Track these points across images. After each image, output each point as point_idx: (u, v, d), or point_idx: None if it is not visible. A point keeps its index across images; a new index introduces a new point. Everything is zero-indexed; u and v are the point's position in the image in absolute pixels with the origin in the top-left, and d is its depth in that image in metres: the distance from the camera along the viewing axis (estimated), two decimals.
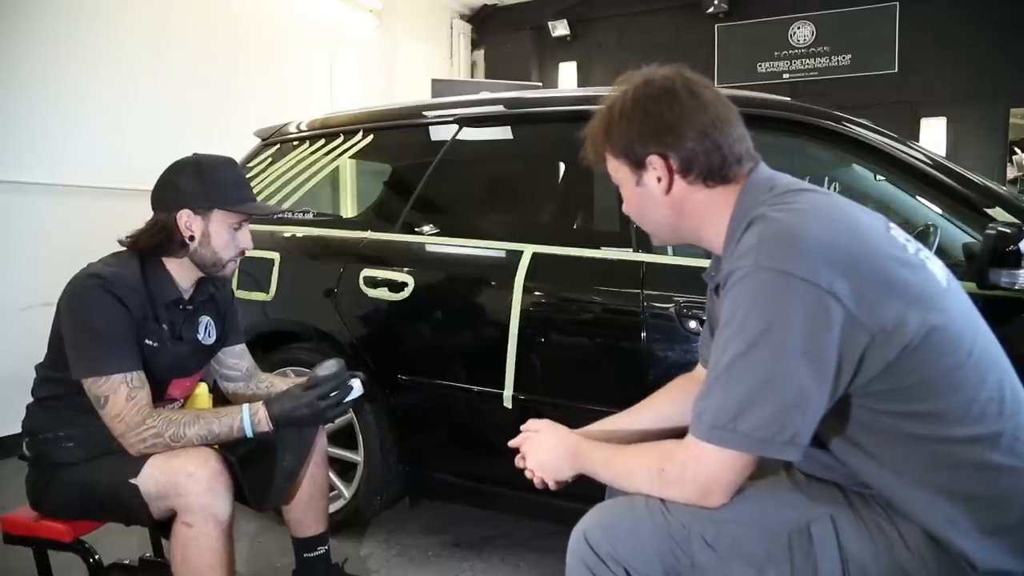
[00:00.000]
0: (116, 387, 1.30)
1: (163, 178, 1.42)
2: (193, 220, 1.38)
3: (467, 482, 1.94)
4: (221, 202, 1.39)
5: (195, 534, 1.28)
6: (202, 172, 1.39)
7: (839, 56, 5.05)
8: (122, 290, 1.33)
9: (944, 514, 0.85)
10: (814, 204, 0.88)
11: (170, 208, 1.38)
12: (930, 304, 0.84)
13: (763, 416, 0.82)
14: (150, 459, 1.31)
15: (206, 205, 1.39)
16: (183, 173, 1.40)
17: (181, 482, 1.27)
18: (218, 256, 1.42)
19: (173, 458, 1.30)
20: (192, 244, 1.39)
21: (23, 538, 1.44)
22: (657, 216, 1.01)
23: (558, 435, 1.08)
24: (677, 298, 1.61)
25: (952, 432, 0.84)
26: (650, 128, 0.94)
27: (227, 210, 1.40)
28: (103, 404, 1.30)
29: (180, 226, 1.38)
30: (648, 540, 0.91)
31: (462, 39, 6.02)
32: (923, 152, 1.59)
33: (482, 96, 2.26)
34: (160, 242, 1.38)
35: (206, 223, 1.39)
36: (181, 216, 1.38)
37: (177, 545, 1.29)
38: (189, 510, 1.27)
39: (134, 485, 1.29)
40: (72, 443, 1.38)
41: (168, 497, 1.29)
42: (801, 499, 0.92)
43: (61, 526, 1.40)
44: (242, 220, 1.44)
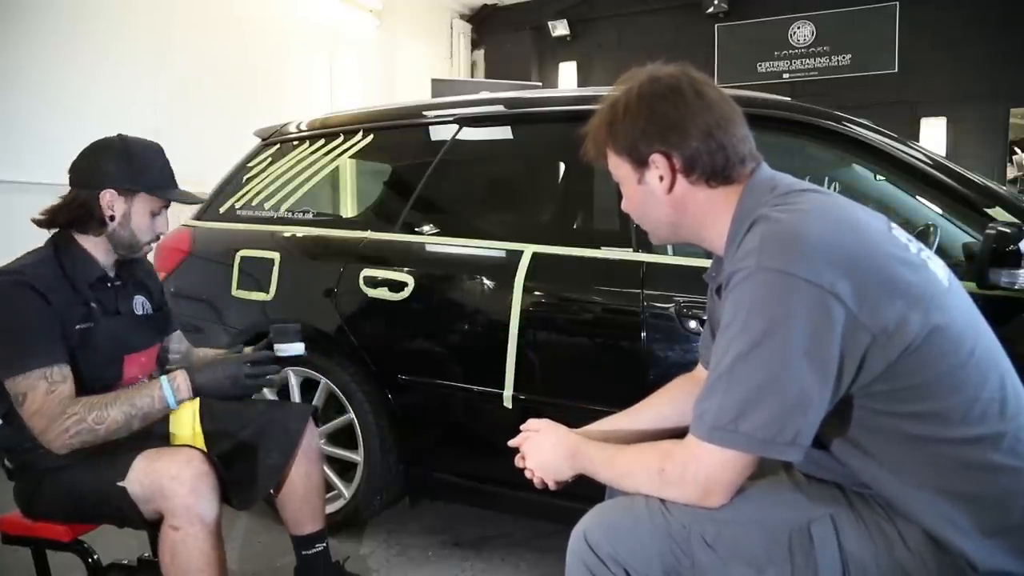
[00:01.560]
0: (35, 383, 1.27)
1: (87, 155, 1.41)
2: (116, 200, 1.38)
3: (467, 482, 1.94)
4: (148, 186, 1.39)
5: (182, 536, 1.27)
6: (131, 154, 1.39)
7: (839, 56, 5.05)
8: (37, 282, 1.31)
9: (944, 514, 0.85)
10: (816, 204, 0.88)
11: (93, 186, 1.37)
12: (932, 304, 0.84)
13: (765, 417, 0.82)
14: (135, 462, 1.29)
15: (133, 188, 1.38)
16: (110, 152, 1.39)
17: (165, 485, 1.26)
18: (136, 239, 1.42)
19: (156, 460, 1.29)
20: (111, 224, 1.39)
21: (22, 538, 1.44)
22: (658, 215, 1.01)
23: (558, 435, 1.08)
24: (677, 298, 1.61)
25: (953, 433, 0.84)
26: (655, 126, 0.94)
27: (153, 195, 1.40)
28: (21, 401, 1.28)
29: (102, 204, 1.37)
30: (648, 540, 0.91)
31: (462, 39, 6.02)
32: (923, 152, 1.59)
33: (482, 96, 2.26)
34: (78, 218, 1.38)
35: (129, 205, 1.39)
36: (104, 195, 1.37)
37: (166, 548, 1.28)
38: (174, 513, 1.26)
39: (122, 488, 1.28)
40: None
41: (154, 500, 1.28)
42: (801, 499, 0.92)
43: (60, 526, 1.39)
44: (163, 206, 1.44)
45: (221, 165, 2.48)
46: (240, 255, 2.15)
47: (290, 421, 1.56)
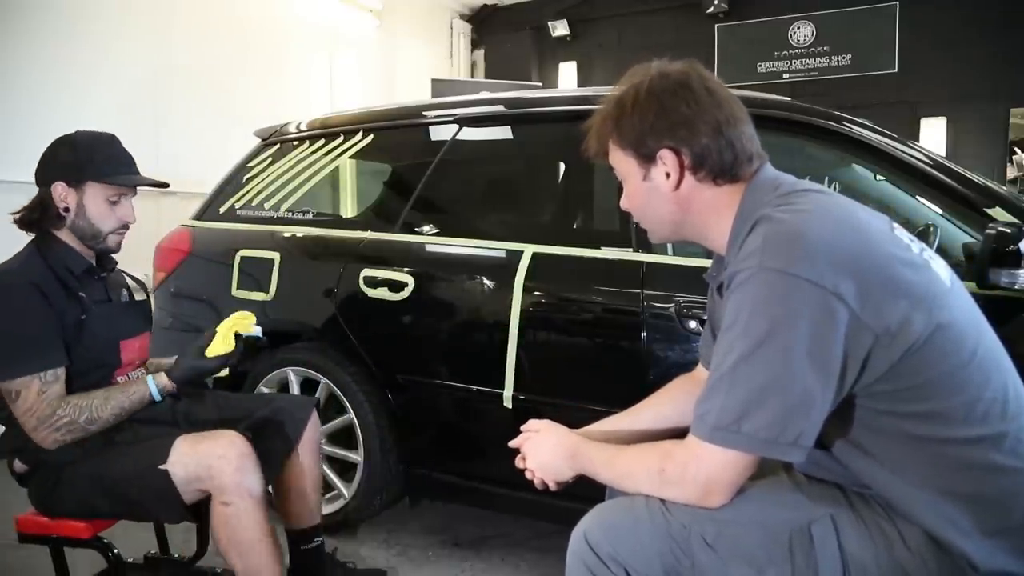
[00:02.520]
0: (28, 383, 1.32)
1: (43, 153, 1.45)
2: (67, 192, 1.41)
3: (467, 482, 1.94)
4: (93, 175, 1.41)
5: (234, 511, 1.35)
6: (77, 146, 1.42)
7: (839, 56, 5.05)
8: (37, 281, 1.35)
9: (945, 515, 0.85)
10: (818, 205, 0.88)
11: (47, 181, 1.41)
12: (934, 304, 0.84)
13: (767, 417, 0.82)
14: (176, 445, 1.35)
15: (79, 177, 1.41)
16: (60, 147, 1.43)
17: (213, 464, 1.33)
18: (96, 228, 1.43)
19: (200, 443, 1.36)
20: (68, 216, 1.42)
21: (40, 537, 1.45)
22: (662, 212, 1.00)
23: (558, 435, 1.08)
24: (677, 298, 1.61)
25: (955, 433, 0.84)
26: (665, 122, 0.93)
27: (99, 182, 1.42)
28: (14, 399, 1.33)
29: (55, 198, 1.41)
30: (648, 540, 0.91)
31: (462, 39, 6.02)
32: (923, 152, 1.59)
33: (482, 96, 2.25)
34: (39, 216, 1.42)
35: (80, 195, 1.42)
36: (56, 188, 1.40)
37: (220, 525, 1.36)
38: (224, 490, 1.34)
39: (164, 471, 1.33)
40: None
41: (200, 480, 1.34)
42: (802, 499, 0.92)
43: (80, 523, 1.41)
44: (120, 193, 1.45)
45: (221, 165, 2.48)
46: (240, 255, 2.15)
47: (295, 411, 1.61)
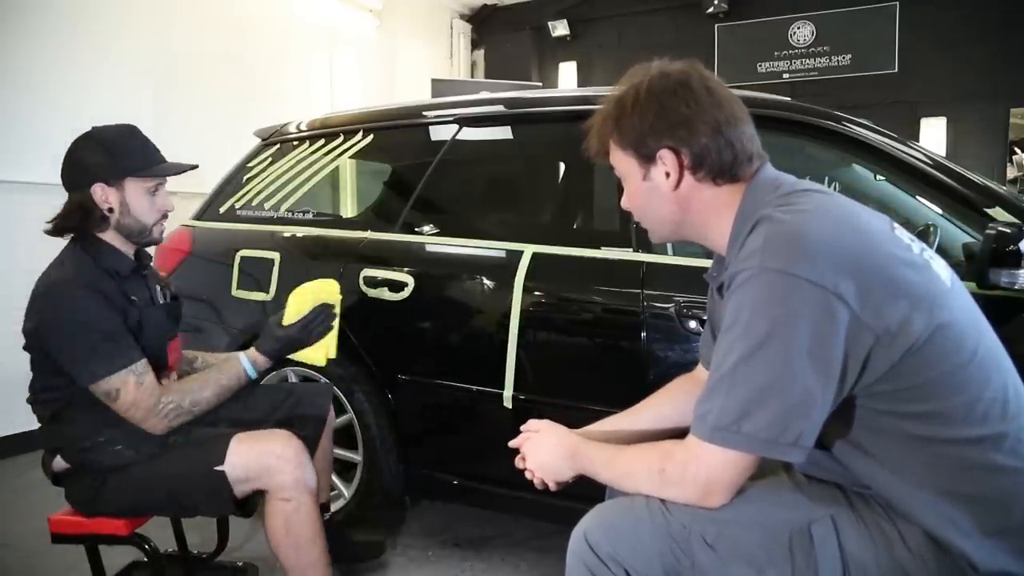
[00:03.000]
0: (124, 379, 1.34)
1: (67, 158, 1.42)
2: (108, 192, 1.39)
3: (467, 482, 1.94)
4: (131, 170, 1.40)
5: (295, 507, 1.41)
6: (105, 143, 1.41)
7: (839, 56, 5.05)
8: (95, 283, 1.35)
9: (945, 515, 0.85)
10: (819, 205, 0.88)
11: (82, 185, 1.39)
12: (935, 304, 0.83)
13: (768, 418, 0.82)
14: (232, 446, 1.39)
15: (117, 175, 1.40)
16: (86, 148, 1.40)
17: (272, 463, 1.39)
18: (141, 222, 1.44)
19: (257, 443, 1.41)
20: (113, 216, 1.41)
21: (75, 536, 1.46)
22: (662, 212, 1.00)
23: (558, 435, 1.08)
24: (677, 298, 1.60)
25: (955, 433, 0.84)
26: (665, 121, 0.94)
27: (138, 176, 1.41)
28: (115, 397, 1.34)
29: (96, 200, 1.39)
30: (648, 540, 0.91)
31: (462, 39, 6.02)
32: (923, 152, 1.59)
33: (482, 96, 2.25)
34: (82, 220, 1.39)
35: (121, 193, 1.41)
36: (95, 191, 1.39)
37: (278, 521, 1.41)
38: (285, 487, 1.39)
39: (221, 472, 1.37)
40: (120, 445, 1.40)
41: (258, 479, 1.39)
42: (802, 500, 0.92)
43: (118, 521, 1.43)
44: (157, 184, 1.45)
45: (221, 165, 2.48)
46: (240, 255, 2.15)
47: (317, 398, 1.69)
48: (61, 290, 1.33)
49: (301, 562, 1.46)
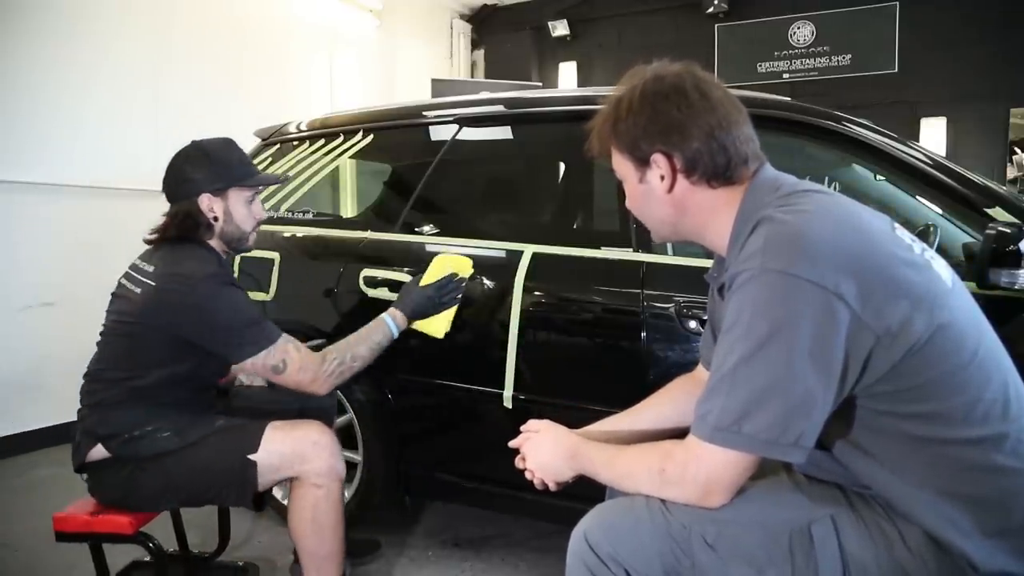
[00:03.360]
0: (284, 348, 1.46)
1: (173, 170, 1.52)
2: (214, 202, 1.50)
3: (467, 482, 1.94)
4: (235, 180, 1.51)
5: (325, 493, 1.47)
6: (209, 156, 1.51)
7: (839, 56, 5.04)
8: (231, 277, 1.50)
9: (945, 515, 0.85)
10: (820, 205, 0.88)
11: (190, 195, 1.49)
12: (935, 305, 0.83)
13: (768, 418, 0.82)
14: (267, 434, 1.45)
15: (222, 185, 1.50)
16: (190, 161, 1.50)
17: (308, 450, 1.46)
18: (242, 230, 1.55)
19: (294, 430, 1.48)
20: (218, 224, 1.52)
21: (79, 535, 1.47)
22: (660, 214, 1.01)
23: (558, 436, 1.08)
24: (677, 298, 1.60)
25: (956, 434, 0.84)
26: (656, 126, 0.94)
27: (241, 186, 1.53)
28: (283, 368, 1.46)
29: (203, 210, 1.50)
30: (648, 540, 0.91)
31: (462, 39, 6.01)
32: (923, 152, 1.59)
33: (482, 96, 2.25)
34: (189, 229, 1.50)
35: (225, 202, 1.52)
36: (202, 201, 1.49)
37: (306, 506, 1.47)
38: (319, 472, 1.46)
39: (252, 460, 1.43)
40: (168, 432, 1.45)
41: (291, 466, 1.46)
42: (802, 500, 0.92)
43: (123, 519, 1.45)
44: (254, 193, 1.57)
45: None
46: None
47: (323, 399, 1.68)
48: (212, 286, 1.42)
49: (321, 550, 1.50)
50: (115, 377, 1.47)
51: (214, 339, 1.44)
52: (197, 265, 1.45)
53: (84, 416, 1.49)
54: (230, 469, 1.44)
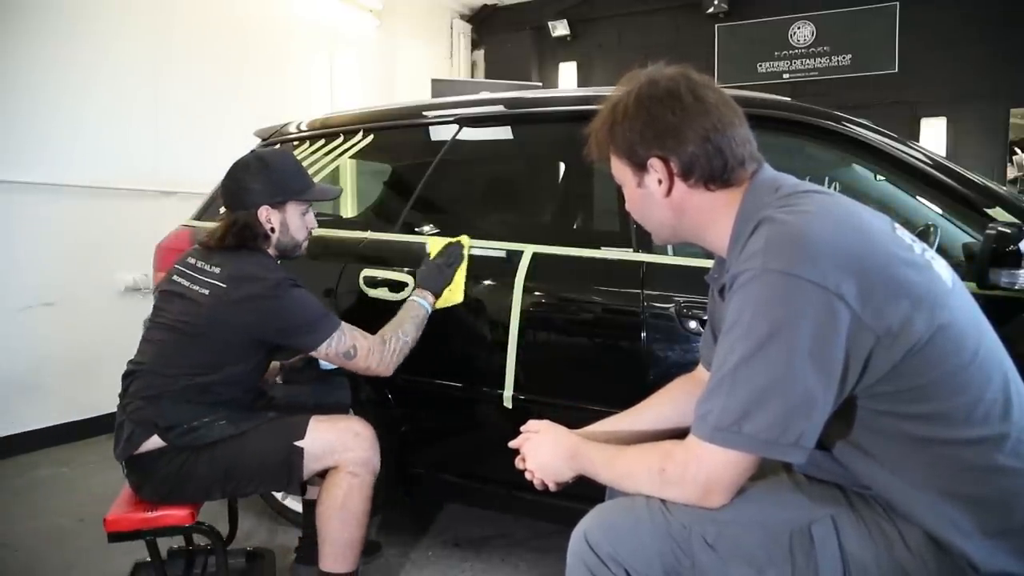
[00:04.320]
0: (351, 334, 1.57)
1: (232, 180, 1.59)
2: (272, 213, 1.57)
3: (467, 482, 1.94)
4: (294, 193, 1.59)
5: (359, 483, 1.55)
6: (269, 169, 1.57)
7: (839, 56, 5.04)
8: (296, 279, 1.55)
9: (946, 516, 0.85)
10: (820, 206, 0.87)
11: (248, 206, 1.56)
12: (936, 305, 0.83)
13: (769, 418, 0.82)
14: (312, 423, 1.54)
15: (281, 199, 1.58)
16: (250, 172, 1.57)
17: (349, 440, 1.55)
18: (296, 240, 1.63)
19: (338, 422, 1.58)
20: (274, 235, 1.59)
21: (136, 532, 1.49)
22: (659, 217, 1.01)
23: (558, 436, 1.08)
24: (677, 298, 1.60)
25: (956, 434, 0.84)
26: (652, 131, 0.94)
27: (298, 200, 1.60)
28: (353, 354, 1.57)
29: (261, 221, 1.57)
30: (648, 540, 0.91)
31: (462, 39, 6.01)
32: (923, 152, 1.59)
33: (482, 96, 2.25)
34: (247, 238, 1.56)
35: (283, 214, 1.60)
36: (261, 212, 1.56)
37: (339, 492, 1.54)
38: (357, 462, 1.54)
39: (300, 447, 1.51)
40: (224, 420, 1.53)
41: (333, 454, 1.53)
42: (802, 500, 0.92)
43: (181, 511, 1.50)
44: (309, 205, 1.65)
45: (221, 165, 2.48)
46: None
47: (337, 391, 1.81)
48: (285, 288, 1.51)
49: (344, 536, 1.56)
50: (176, 373, 1.51)
51: (295, 335, 1.54)
52: (266, 270, 1.53)
53: (138, 408, 1.50)
54: (279, 456, 1.51)
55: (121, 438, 1.51)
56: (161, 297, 1.59)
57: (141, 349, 1.59)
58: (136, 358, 1.59)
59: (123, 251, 3.21)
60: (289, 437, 1.52)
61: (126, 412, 1.52)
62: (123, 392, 1.56)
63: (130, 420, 1.50)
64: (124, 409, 1.53)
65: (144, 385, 1.52)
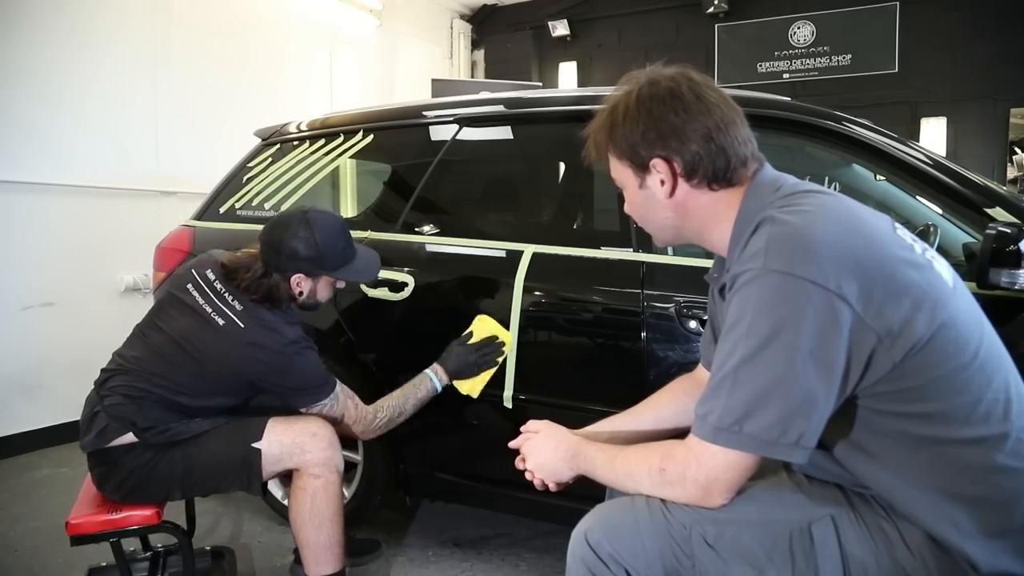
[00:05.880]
0: (344, 402, 1.60)
1: (276, 237, 1.54)
2: (304, 281, 1.58)
3: (467, 482, 1.94)
4: (332, 268, 1.58)
5: (323, 484, 1.54)
6: (315, 239, 1.53)
7: (839, 56, 5.04)
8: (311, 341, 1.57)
9: (947, 516, 0.85)
10: (821, 205, 0.87)
11: (283, 270, 1.54)
12: (937, 305, 0.83)
13: (769, 418, 0.82)
14: (270, 425, 1.53)
15: (317, 272, 1.57)
16: (296, 237, 1.53)
17: (306, 441, 1.53)
18: (318, 303, 1.65)
19: (294, 423, 1.56)
20: (301, 298, 1.60)
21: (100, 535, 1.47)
22: (660, 218, 1.01)
23: (558, 436, 1.08)
24: (677, 298, 1.60)
25: (957, 433, 0.84)
26: (654, 131, 0.94)
27: (335, 276, 1.61)
28: (341, 420, 1.61)
29: (292, 286, 1.56)
30: (649, 541, 0.91)
31: (462, 39, 6.01)
32: (923, 152, 1.59)
33: (482, 96, 2.25)
34: (274, 297, 1.55)
35: (315, 283, 1.60)
36: (295, 280, 1.56)
37: (305, 496, 1.54)
38: (316, 463, 1.53)
39: (257, 449, 1.51)
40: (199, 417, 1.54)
41: (291, 456, 1.53)
42: (802, 500, 0.92)
43: (147, 510, 1.49)
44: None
45: (221, 165, 2.48)
46: None
47: None
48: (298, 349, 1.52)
49: (321, 539, 1.55)
50: (166, 384, 1.51)
51: (289, 393, 1.56)
52: (284, 324, 1.53)
53: (118, 404, 1.48)
54: (236, 456, 1.50)
55: (93, 429, 1.48)
56: (171, 302, 1.56)
57: (132, 344, 1.57)
58: (125, 351, 1.56)
59: (123, 251, 3.21)
60: (246, 438, 1.52)
61: (103, 404, 1.49)
62: (102, 382, 1.54)
63: (107, 413, 1.48)
64: (101, 400, 1.50)
65: (129, 384, 1.50)
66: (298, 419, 1.58)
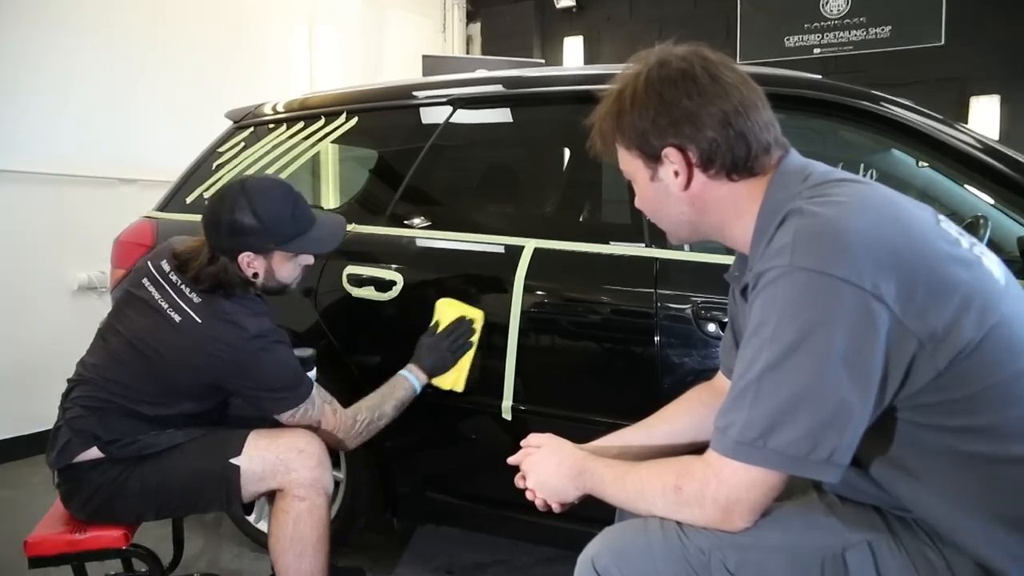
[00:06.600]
0: (321, 408, 1.58)
1: (215, 215, 1.50)
2: (255, 260, 1.52)
3: (461, 503, 1.94)
4: (282, 242, 1.52)
5: (308, 507, 1.52)
6: (257, 209, 1.48)
7: (877, 28, 5.03)
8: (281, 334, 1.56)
9: (1001, 544, 0.84)
10: (855, 195, 0.87)
11: (229, 251, 1.50)
12: (986, 305, 0.83)
13: (797, 432, 0.81)
14: (250, 439, 1.52)
15: (266, 248, 1.51)
16: (236, 210, 1.47)
17: (292, 458, 1.51)
18: (283, 284, 1.60)
19: (279, 437, 1.53)
20: (258, 280, 1.55)
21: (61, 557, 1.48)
22: (675, 213, 1.01)
23: (562, 451, 1.08)
24: (695, 298, 1.61)
25: (1011, 450, 0.84)
26: (666, 117, 0.94)
27: (287, 251, 1.54)
28: (317, 427, 1.58)
29: (242, 267, 1.51)
30: (663, 567, 0.91)
31: (456, 11, 6.01)
32: (972, 135, 1.59)
33: (478, 74, 2.26)
34: (224, 283, 1.51)
35: (268, 261, 1.54)
36: (242, 259, 1.50)
37: (287, 519, 1.52)
38: (302, 484, 1.51)
39: (235, 465, 1.49)
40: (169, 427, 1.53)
41: (275, 475, 1.50)
42: (835, 523, 0.92)
43: (114, 532, 1.49)
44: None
45: (188, 150, 2.48)
46: None
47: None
48: (264, 343, 1.50)
49: (302, 568, 1.53)
50: (126, 394, 1.50)
51: (257, 396, 1.54)
52: (246, 316, 1.50)
53: (78, 416, 1.50)
54: (213, 473, 1.49)
55: (57, 445, 1.50)
56: (128, 301, 1.56)
57: (94, 350, 1.58)
58: (87, 358, 1.57)
59: (76, 245, 3.21)
60: (225, 453, 1.50)
61: (65, 417, 1.51)
62: (65, 394, 1.55)
63: (68, 427, 1.49)
64: (64, 413, 1.52)
65: (88, 394, 1.51)
66: (283, 432, 1.55)
